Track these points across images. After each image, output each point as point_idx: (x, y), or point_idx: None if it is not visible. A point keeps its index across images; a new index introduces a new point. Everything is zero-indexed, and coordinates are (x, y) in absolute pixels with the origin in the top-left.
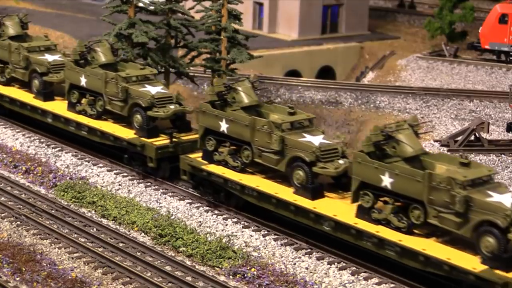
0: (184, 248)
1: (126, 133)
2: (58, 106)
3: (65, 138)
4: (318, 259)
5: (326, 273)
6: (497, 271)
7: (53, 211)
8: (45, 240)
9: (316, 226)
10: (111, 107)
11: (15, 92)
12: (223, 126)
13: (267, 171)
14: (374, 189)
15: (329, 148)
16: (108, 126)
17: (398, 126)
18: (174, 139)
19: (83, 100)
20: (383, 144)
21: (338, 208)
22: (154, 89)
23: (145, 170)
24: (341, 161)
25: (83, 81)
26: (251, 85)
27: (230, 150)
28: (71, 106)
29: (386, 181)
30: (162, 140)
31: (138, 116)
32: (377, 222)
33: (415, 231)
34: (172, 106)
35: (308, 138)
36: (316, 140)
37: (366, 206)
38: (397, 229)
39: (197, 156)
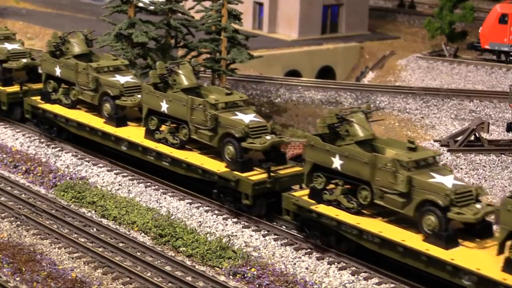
0: (184, 248)
1: (216, 166)
2: (134, 133)
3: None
4: (318, 259)
5: (326, 273)
6: None
7: (53, 211)
8: (45, 240)
9: (453, 280)
10: (197, 136)
11: (83, 116)
12: (336, 163)
13: (387, 213)
14: None
15: (464, 190)
16: (195, 158)
17: None
18: (271, 174)
19: (164, 128)
20: None
21: (479, 259)
22: (246, 118)
23: (239, 207)
24: (478, 206)
25: (164, 107)
26: (364, 116)
27: (344, 189)
28: (149, 134)
29: None
30: (258, 175)
31: (231, 148)
32: None
33: None
34: (268, 137)
35: (438, 178)
36: (448, 181)
37: None
38: None
39: (301, 194)
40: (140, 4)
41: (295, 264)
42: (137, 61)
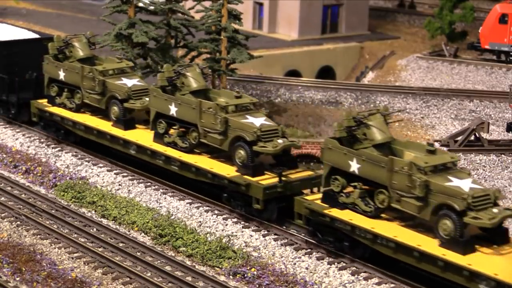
0: (184, 248)
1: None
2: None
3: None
4: (318, 259)
5: (326, 273)
6: None
7: (53, 211)
8: (45, 240)
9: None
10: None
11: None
12: (172, 109)
13: None
14: None
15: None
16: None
17: None
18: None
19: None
20: None
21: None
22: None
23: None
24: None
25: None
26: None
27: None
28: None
29: None
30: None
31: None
32: None
33: None
34: (280, 141)
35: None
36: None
37: None
38: None
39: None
40: (140, 4)
41: (295, 264)
42: (137, 61)
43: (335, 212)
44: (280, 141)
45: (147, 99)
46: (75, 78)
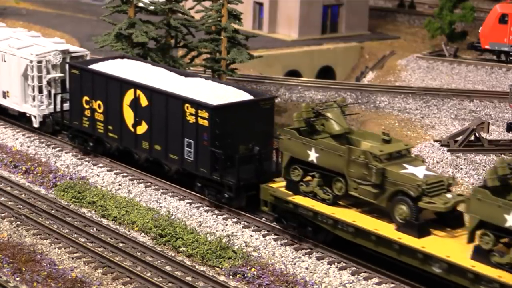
0: (184, 248)
1: None
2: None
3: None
4: (318, 259)
5: (326, 273)
6: None
7: (53, 211)
8: (45, 240)
9: None
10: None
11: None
12: None
13: None
14: None
15: None
16: None
17: None
18: None
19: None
20: None
21: None
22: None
23: None
24: None
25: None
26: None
27: None
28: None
29: None
30: None
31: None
32: None
33: None
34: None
35: None
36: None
37: None
38: None
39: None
40: (140, 4)
41: (295, 264)
42: None
43: None
44: None
45: (449, 195)
46: (336, 162)
